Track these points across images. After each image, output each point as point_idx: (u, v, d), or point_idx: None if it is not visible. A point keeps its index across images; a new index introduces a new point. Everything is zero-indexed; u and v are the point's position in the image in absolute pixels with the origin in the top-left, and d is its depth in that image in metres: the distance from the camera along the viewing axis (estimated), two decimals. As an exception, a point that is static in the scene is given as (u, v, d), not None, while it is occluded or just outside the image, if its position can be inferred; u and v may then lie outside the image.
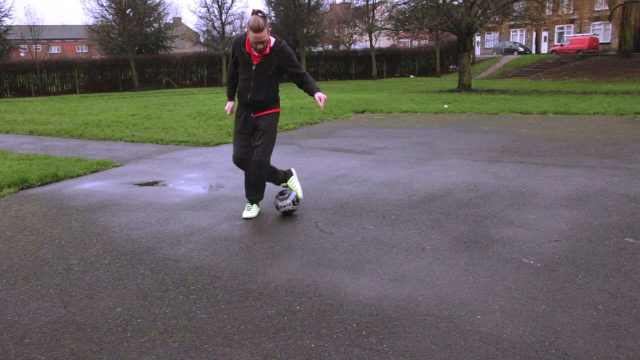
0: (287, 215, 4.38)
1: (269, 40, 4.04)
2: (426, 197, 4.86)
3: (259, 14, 3.91)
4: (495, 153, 6.96)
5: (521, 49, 45.38)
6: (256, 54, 4.05)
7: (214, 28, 39.91)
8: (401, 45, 56.96)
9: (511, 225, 4.00)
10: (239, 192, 5.17)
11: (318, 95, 4.06)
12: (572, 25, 45.75)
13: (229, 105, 4.47)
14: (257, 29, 3.88)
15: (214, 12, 39.19)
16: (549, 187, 5.09)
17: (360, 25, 42.38)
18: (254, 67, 4.11)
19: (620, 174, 5.54)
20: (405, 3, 24.14)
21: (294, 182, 4.61)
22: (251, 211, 4.41)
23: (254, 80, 4.14)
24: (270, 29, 4.01)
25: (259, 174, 4.27)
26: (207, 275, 3.20)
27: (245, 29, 4.10)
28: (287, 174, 4.62)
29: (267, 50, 4.06)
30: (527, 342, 2.37)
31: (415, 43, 52.97)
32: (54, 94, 34.64)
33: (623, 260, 3.27)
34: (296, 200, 4.37)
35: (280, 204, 4.33)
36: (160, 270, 3.28)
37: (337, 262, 3.35)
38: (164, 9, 41.16)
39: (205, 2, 41.49)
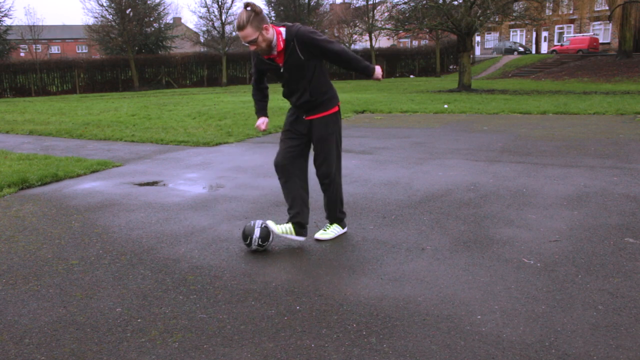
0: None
1: (279, 32, 3.33)
2: (426, 197, 4.86)
3: (247, 7, 3.19)
4: (495, 153, 6.96)
5: (521, 49, 45.37)
6: (275, 54, 3.39)
7: (214, 28, 39.91)
8: (401, 45, 56.95)
9: (511, 225, 4.00)
10: (239, 192, 5.17)
11: (375, 76, 3.52)
12: (572, 25, 45.75)
13: (259, 121, 3.73)
14: (239, 27, 3.21)
15: (214, 12, 39.22)
16: (549, 187, 5.09)
17: (360, 25, 42.36)
18: (283, 69, 3.43)
19: (620, 174, 5.54)
20: (405, 3, 24.14)
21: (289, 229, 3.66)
22: (327, 231, 3.79)
23: (292, 82, 3.48)
24: (266, 24, 3.27)
25: (330, 196, 3.72)
26: (207, 275, 3.20)
27: None
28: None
29: (281, 46, 3.34)
30: (527, 342, 2.37)
31: (415, 43, 52.95)
32: (54, 94, 34.66)
33: (623, 260, 3.27)
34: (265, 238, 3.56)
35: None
36: (160, 270, 3.28)
37: (337, 262, 3.35)
38: (164, 9, 41.25)
39: (205, 2, 41.51)
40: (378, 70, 3.52)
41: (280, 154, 3.62)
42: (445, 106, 13.73)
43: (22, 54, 47.86)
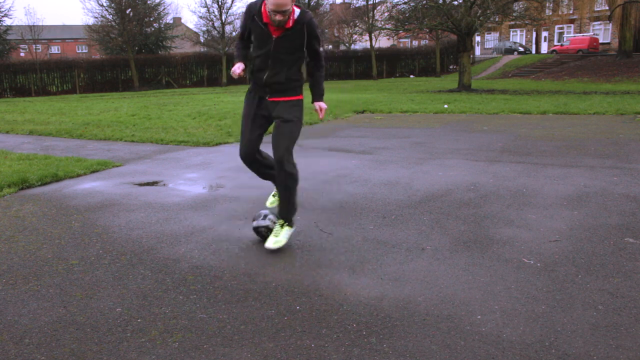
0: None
1: (292, 11, 3.26)
2: (426, 197, 4.86)
3: None
4: (495, 153, 6.96)
5: (521, 49, 45.38)
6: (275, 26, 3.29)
7: (214, 28, 39.93)
8: (401, 45, 56.96)
9: (511, 225, 4.00)
10: (239, 192, 5.17)
11: (318, 104, 3.63)
12: (572, 25, 45.75)
13: (239, 65, 3.45)
14: None
15: (214, 12, 39.24)
16: (549, 187, 5.09)
17: (360, 25, 42.38)
18: (272, 42, 3.33)
19: (620, 174, 5.54)
20: (405, 3, 24.15)
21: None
22: (279, 237, 3.54)
23: (272, 58, 3.37)
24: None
25: (288, 182, 3.51)
26: (207, 275, 3.20)
27: None
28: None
29: (290, 24, 3.29)
30: (527, 342, 2.37)
31: (415, 43, 52.97)
32: (54, 94, 34.66)
33: (623, 260, 3.27)
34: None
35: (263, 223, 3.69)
36: (160, 270, 3.28)
37: (337, 262, 3.35)
38: (164, 9, 41.27)
39: (205, 2, 41.51)
40: (323, 105, 3.66)
41: (248, 145, 3.53)
42: (445, 106, 13.73)
43: (22, 54, 47.86)
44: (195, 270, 3.27)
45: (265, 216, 3.72)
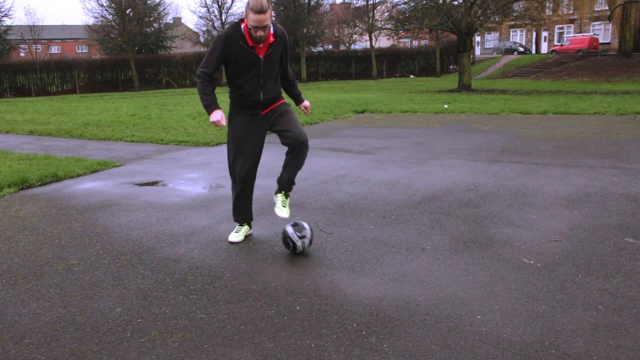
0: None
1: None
2: (426, 197, 4.86)
3: None
4: (495, 153, 6.96)
5: (521, 49, 45.37)
6: (260, 45, 3.35)
7: (214, 28, 39.89)
8: (401, 45, 56.96)
9: (511, 225, 4.00)
10: (239, 192, 5.16)
11: (303, 104, 3.82)
12: (572, 25, 45.74)
13: (219, 115, 3.48)
14: (260, 10, 3.15)
15: (214, 12, 39.21)
16: (549, 187, 5.09)
17: (360, 25, 42.37)
18: (262, 61, 3.40)
19: (620, 174, 5.54)
20: (405, 3, 24.17)
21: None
22: (287, 207, 3.69)
23: (264, 76, 3.46)
24: (274, 13, 3.48)
25: (303, 160, 3.62)
26: (207, 275, 3.20)
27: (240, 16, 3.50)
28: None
29: (272, 38, 3.38)
30: (527, 342, 2.37)
31: (415, 43, 52.96)
32: (54, 94, 34.65)
33: (623, 260, 3.27)
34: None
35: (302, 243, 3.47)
36: (160, 270, 3.28)
37: (337, 262, 3.35)
38: (164, 9, 41.18)
39: (205, 2, 41.51)
40: (307, 103, 3.85)
41: (246, 166, 3.60)
42: (445, 106, 13.73)
43: (22, 54, 47.84)
44: (195, 270, 3.27)
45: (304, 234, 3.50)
